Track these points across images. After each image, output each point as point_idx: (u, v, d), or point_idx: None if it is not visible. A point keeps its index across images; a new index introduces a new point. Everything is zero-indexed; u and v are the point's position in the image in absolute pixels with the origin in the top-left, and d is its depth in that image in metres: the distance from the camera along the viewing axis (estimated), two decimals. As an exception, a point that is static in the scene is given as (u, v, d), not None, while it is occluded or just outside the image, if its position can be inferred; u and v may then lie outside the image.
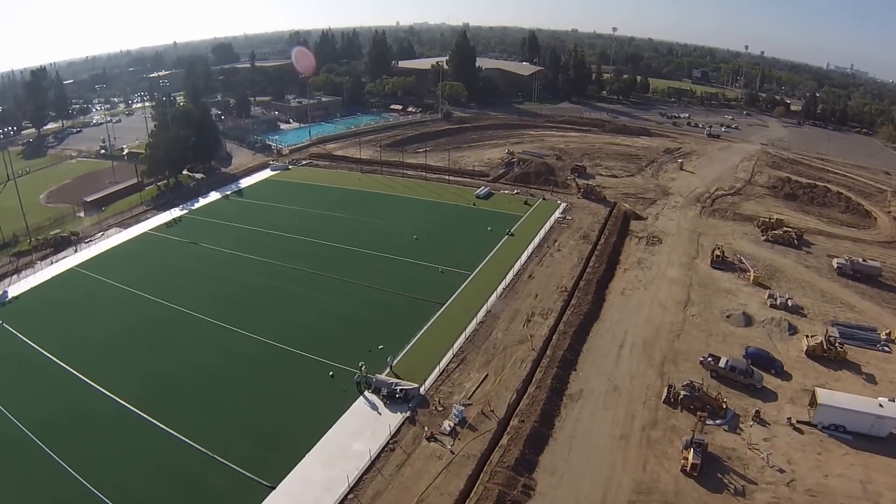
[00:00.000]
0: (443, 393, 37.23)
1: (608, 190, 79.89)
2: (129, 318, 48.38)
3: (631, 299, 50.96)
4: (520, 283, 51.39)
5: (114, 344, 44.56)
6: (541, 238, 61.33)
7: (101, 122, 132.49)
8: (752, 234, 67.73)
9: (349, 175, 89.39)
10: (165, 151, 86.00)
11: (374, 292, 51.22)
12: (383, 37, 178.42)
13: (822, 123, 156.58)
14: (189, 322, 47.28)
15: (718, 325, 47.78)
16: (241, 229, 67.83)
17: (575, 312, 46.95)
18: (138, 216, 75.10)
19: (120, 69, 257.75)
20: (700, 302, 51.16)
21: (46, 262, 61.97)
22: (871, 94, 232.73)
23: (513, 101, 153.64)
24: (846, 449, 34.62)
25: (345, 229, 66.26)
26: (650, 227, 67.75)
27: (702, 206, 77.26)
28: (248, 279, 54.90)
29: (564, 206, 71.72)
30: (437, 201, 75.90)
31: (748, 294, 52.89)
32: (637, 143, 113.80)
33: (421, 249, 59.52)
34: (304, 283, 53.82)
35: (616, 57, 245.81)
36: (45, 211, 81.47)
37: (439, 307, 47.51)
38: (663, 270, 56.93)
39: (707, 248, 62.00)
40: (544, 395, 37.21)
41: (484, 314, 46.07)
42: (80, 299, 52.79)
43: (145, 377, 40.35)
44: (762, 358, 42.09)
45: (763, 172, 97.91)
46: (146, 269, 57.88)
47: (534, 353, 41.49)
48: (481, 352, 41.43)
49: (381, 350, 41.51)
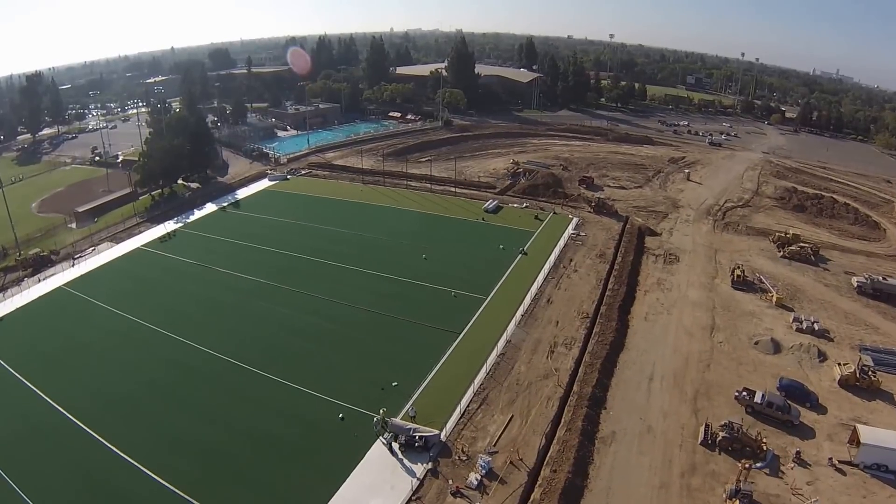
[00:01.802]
0: (466, 439, 34.23)
1: (618, 203, 77.74)
2: (116, 347, 44.60)
3: (655, 325, 48.64)
4: (538, 309, 48.62)
5: (101, 380, 40.87)
6: (556, 257, 58.62)
7: (96, 129, 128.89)
8: (769, 250, 66.05)
9: (350, 186, 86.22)
10: (160, 160, 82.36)
11: (383, 320, 47.91)
12: (381, 43, 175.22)
13: (818, 131, 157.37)
14: (183, 354, 43.61)
15: (747, 352, 45.74)
16: (238, 246, 64.43)
17: (599, 342, 44.34)
18: (131, 229, 71.57)
19: (117, 74, 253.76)
20: (726, 327, 49.14)
21: (34, 279, 58.31)
22: (861, 101, 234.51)
23: (512, 109, 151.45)
24: (890, 490, 32.57)
25: (348, 247, 62.85)
26: (666, 244, 65.69)
27: (714, 220, 75.69)
28: (247, 304, 51.44)
29: (577, 221, 69.19)
30: (444, 215, 72.78)
31: (773, 317, 50.97)
32: (641, 151, 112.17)
33: (431, 270, 56.25)
34: (307, 308, 50.27)
35: (611, 64, 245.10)
36: (37, 221, 78.28)
37: (455, 337, 44.35)
38: (684, 292, 54.83)
39: (725, 266, 60.36)
40: (576, 439, 34.45)
41: (504, 345, 43.10)
42: (66, 325, 49.00)
43: (134, 418, 36.71)
44: (796, 390, 40.04)
45: (769, 182, 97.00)
46: (137, 291, 54.33)
47: (560, 390, 38.74)
48: (504, 389, 38.53)
49: (396, 388, 38.31)
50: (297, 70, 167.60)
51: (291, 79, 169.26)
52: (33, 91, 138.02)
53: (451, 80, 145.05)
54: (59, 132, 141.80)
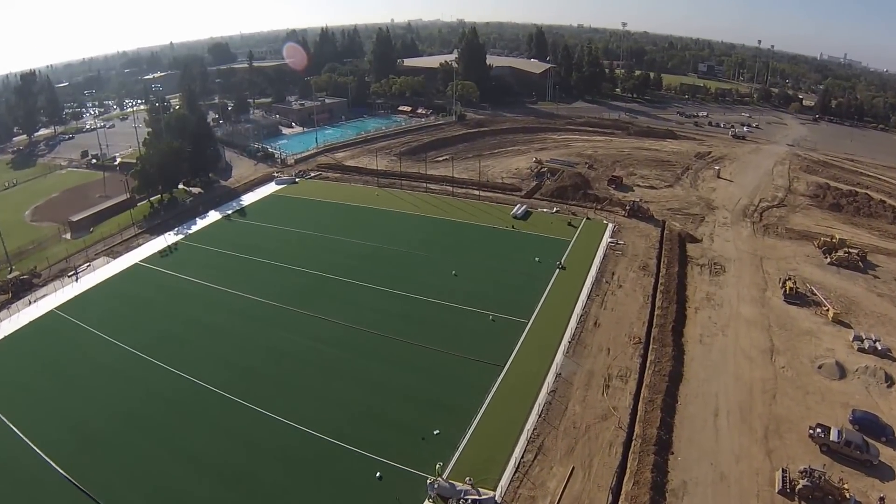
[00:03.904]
0: (524, 499, 29.92)
1: (651, 204, 73.22)
2: (110, 386, 39.42)
3: (711, 349, 44.36)
4: (586, 334, 44.12)
5: (81, 414, 36.48)
6: (596, 270, 53.93)
7: (94, 128, 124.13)
8: (815, 257, 61.88)
9: (365, 190, 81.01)
10: (158, 165, 77.25)
11: (413, 351, 42.47)
12: (387, 34, 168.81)
13: (837, 119, 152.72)
14: (187, 394, 38.36)
15: (812, 378, 41.67)
16: (243, 261, 59.07)
17: (657, 372, 40.01)
18: (129, 242, 66.63)
19: (116, 71, 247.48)
20: (785, 349, 44.98)
21: (24, 301, 53.72)
22: (875, 86, 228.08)
23: (526, 101, 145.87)
24: None
25: (367, 262, 57.50)
26: (708, 252, 61.25)
27: (752, 222, 71.59)
28: (260, 334, 45.76)
29: (612, 228, 64.46)
30: (470, 223, 67.34)
31: (831, 335, 46.81)
32: (665, 146, 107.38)
33: (463, 289, 50.86)
34: (322, 335, 44.54)
35: (623, 52, 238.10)
36: (30, 231, 73.65)
37: (498, 370, 39.48)
38: (736, 308, 50.56)
39: (773, 275, 56.25)
40: (646, 495, 30.25)
41: (554, 379, 38.59)
42: (53, 355, 44.03)
43: (134, 477, 31.83)
44: (871, 423, 36.33)
45: (800, 178, 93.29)
46: (134, 315, 49.12)
47: (622, 433, 34.50)
48: (560, 434, 34.20)
49: (438, 436, 33.56)
50: (294, 66, 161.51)
51: (294, 72, 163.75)
52: (28, 90, 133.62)
53: (462, 73, 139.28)
54: (55, 133, 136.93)
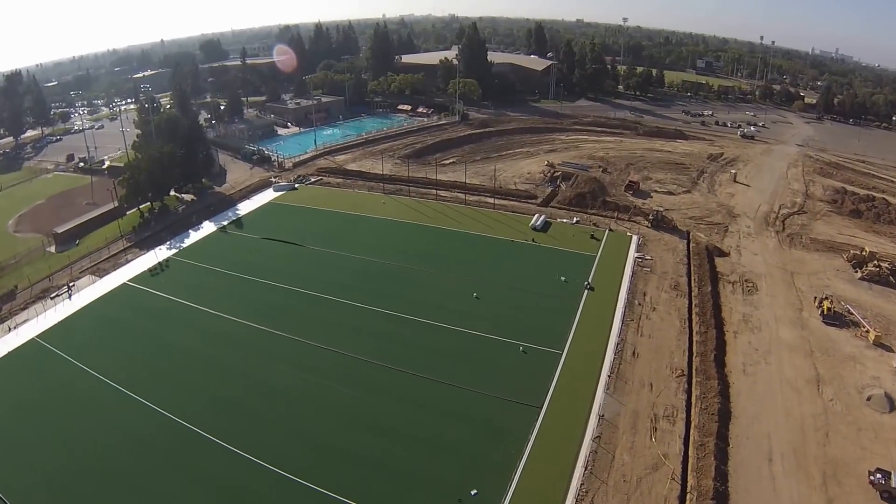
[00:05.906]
0: (580, 574, 26.62)
1: (672, 212, 70.08)
2: (94, 430, 35.30)
3: (757, 381, 41.27)
4: (625, 366, 40.63)
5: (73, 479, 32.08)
6: (626, 290, 50.33)
7: (82, 129, 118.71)
8: (844, 270, 59.34)
9: (370, 198, 76.51)
10: (148, 172, 72.24)
11: (441, 390, 38.05)
12: (385, 30, 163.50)
13: (840, 118, 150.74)
14: (181, 441, 34.23)
15: (862, 412, 38.85)
16: (240, 281, 53.99)
17: (704, 410, 36.78)
18: (117, 257, 61.81)
19: (106, 69, 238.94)
20: (831, 378, 42.14)
21: (4, 327, 49.20)
22: (871, 82, 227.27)
23: (528, 99, 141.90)
24: None
25: (378, 283, 52.76)
26: (738, 268, 58.24)
27: (776, 231, 69.21)
28: (264, 369, 40.88)
29: (637, 240, 61.00)
30: (486, 235, 62.72)
31: (875, 360, 44.08)
32: (677, 148, 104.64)
33: (487, 314, 46.31)
34: (340, 376, 39.59)
35: (622, 49, 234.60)
36: (13, 243, 68.95)
37: (536, 413, 35.50)
38: (775, 332, 47.60)
39: (806, 293, 53.58)
40: (712, 560, 27.10)
41: (597, 421, 35.07)
42: (28, 389, 39.71)
43: None
44: None
45: (815, 182, 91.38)
46: (122, 346, 44.37)
47: (676, 486, 31.21)
48: (611, 490, 30.73)
49: (476, 497, 29.67)
50: (283, 68, 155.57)
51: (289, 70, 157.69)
52: (14, 91, 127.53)
53: (463, 70, 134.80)
54: (42, 134, 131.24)
